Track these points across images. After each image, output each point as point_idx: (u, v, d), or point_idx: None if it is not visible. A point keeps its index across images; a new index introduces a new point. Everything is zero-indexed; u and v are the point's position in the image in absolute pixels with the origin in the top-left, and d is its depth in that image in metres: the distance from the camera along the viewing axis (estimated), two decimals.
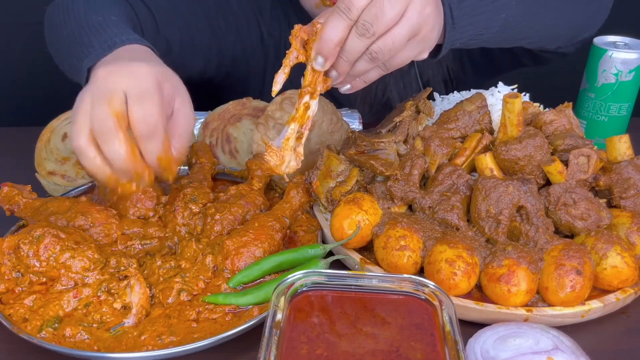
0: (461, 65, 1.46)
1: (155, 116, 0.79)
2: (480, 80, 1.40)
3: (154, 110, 0.79)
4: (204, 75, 1.39)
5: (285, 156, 0.82)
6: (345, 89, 0.86)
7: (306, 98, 0.81)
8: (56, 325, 0.77)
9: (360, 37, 0.76)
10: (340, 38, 0.76)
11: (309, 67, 0.80)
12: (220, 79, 1.43)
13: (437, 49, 0.93)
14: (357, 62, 0.80)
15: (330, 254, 0.90)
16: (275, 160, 0.82)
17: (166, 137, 0.82)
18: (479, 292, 0.85)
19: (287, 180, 0.89)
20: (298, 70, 0.83)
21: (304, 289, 0.75)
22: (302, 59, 0.80)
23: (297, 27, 0.79)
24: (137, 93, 0.79)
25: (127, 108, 0.78)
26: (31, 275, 0.83)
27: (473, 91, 1.11)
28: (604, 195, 0.95)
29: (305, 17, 1.36)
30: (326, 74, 0.81)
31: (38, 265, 0.83)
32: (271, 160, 0.82)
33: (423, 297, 0.74)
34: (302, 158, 0.84)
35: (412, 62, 1.39)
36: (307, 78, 0.81)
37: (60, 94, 1.42)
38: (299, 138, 0.83)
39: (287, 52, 0.80)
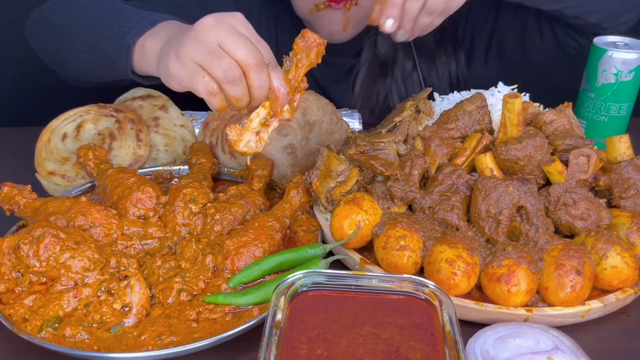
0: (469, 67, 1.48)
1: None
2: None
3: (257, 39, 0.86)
4: None
5: (244, 135, 0.86)
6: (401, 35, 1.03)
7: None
8: (56, 325, 0.77)
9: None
10: (402, 1, 0.96)
11: (293, 65, 0.87)
12: None
13: None
14: (418, 17, 0.99)
15: (330, 254, 0.90)
16: (233, 136, 0.86)
17: None
18: (479, 292, 0.85)
19: (249, 161, 0.96)
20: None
21: (304, 289, 0.75)
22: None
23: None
24: (241, 30, 0.85)
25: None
26: (31, 275, 0.83)
27: (473, 91, 1.11)
28: (604, 195, 0.95)
29: (296, 18, 1.37)
30: (394, 36, 1.03)
31: (38, 265, 0.83)
32: (229, 134, 0.86)
33: (423, 297, 0.74)
34: (264, 143, 0.88)
35: (415, 66, 1.41)
36: (291, 72, 0.87)
37: (61, 94, 1.43)
38: (265, 125, 0.86)
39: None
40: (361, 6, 1.28)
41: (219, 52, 0.83)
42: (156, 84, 1.24)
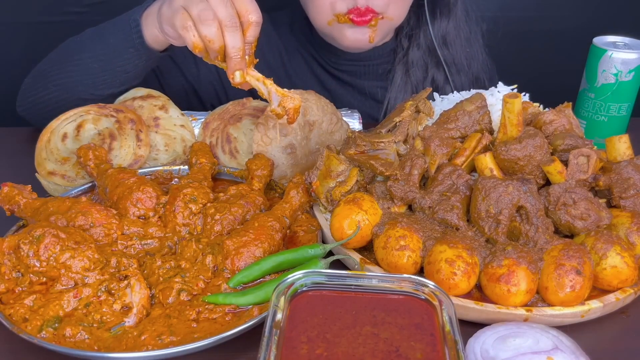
0: None
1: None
2: None
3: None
4: (198, 77, 1.41)
5: (271, 102, 1.00)
6: None
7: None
8: (56, 325, 0.77)
9: None
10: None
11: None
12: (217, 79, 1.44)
13: None
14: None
15: (330, 254, 0.90)
16: (272, 105, 1.00)
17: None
18: (478, 292, 0.85)
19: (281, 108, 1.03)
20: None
21: (304, 289, 0.75)
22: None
23: None
24: None
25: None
26: (31, 275, 0.83)
27: (473, 91, 1.11)
28: (604, 195, 0.95)
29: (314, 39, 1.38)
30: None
31: (38, 265, 0.84)
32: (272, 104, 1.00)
33: (423, 297, 0.74)
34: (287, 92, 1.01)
35: (447, 80, 1.42)
36: None
37: None
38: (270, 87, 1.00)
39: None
40: (388, 18, 1.26)
41: (203, 1, 0.91)
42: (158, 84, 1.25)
